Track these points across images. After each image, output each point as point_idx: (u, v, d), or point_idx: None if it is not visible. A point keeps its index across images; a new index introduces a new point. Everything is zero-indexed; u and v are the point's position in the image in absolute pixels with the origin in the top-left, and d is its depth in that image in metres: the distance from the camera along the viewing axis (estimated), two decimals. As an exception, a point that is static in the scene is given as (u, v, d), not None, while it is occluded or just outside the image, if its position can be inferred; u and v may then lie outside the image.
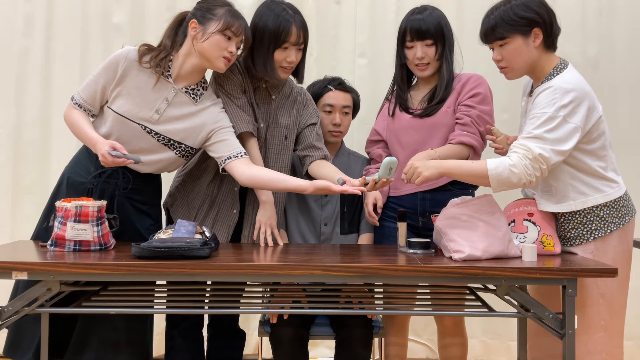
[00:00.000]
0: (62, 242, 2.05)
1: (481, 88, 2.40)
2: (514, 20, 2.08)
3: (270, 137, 2.43)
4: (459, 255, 1.97)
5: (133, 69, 2.22)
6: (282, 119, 2.44)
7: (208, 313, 2.50)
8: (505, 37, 2.10)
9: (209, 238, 2.08)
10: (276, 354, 2.37)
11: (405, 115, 2.47)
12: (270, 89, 2.43)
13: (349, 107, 2.58)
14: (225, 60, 2.19)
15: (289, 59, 2.30)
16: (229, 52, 2.18)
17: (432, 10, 2.42)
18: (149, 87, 2.22)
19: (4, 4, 3.33)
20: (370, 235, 2.56)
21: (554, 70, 2.12)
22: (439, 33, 2.37)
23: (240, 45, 2.23)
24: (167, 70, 2.24)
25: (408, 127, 2.44)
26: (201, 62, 2.22)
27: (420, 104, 2.47)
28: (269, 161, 2.43)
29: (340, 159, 2.61)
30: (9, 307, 1.90)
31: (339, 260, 1.97)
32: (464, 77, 2.45)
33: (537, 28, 2.09)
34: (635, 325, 3.24)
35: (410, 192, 2.44)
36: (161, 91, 2.23)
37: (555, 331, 1.89)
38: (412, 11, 2.44)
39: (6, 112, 3.32)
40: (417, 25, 2.37)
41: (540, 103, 2.04)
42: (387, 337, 2.59)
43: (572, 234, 2.12)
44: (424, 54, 2.38)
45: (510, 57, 2.12)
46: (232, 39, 2.18)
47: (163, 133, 2.23)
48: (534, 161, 1.99)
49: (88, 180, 2.28)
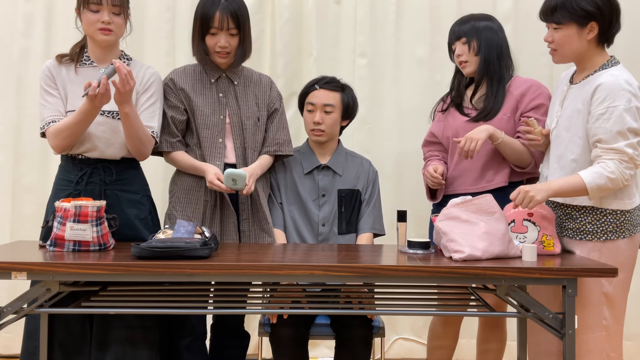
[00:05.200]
0: (61, 242, 2.05)
1: (543, 99, 2.41)
2: (574, 9, 2.07)
3: (245, 119, 2.49)
4: (459, 255, 1.97)
5: (62, 72, 2.32)
6: (250, 102, 2.51)
7: (208, 313, 2.50)
8: (562, 23, 2.10)
9: (208, 238, 2.08)
10: (276, 354, 2.37)
11: (459, 115, 2.51)
12: (230, 75, 2.51)
13: (332, 106, 2.54)
14: (102, 31, 2.25)
15: (219, 44, 2.39)
16: (102, 22, 2.24)
17: (472, 16, 2.54)
18: (80, 79, 2.29)
19: (4, 4, 3.33)
20: (369, 235, 2.56)
21: (606, 65, 2.12)
22: (472, 30, 2.46)
23: (118, 11, 2.27)
24: (82, 57, 2.33)
25: (463, 129, 2.44)
26: (93, 41, 2.31)
27: (476, 104, 2.49)
28: (247, 142, 2.48)
29: (336, 159, 2.60)
30: (8, 307, 1.90)
31: (338, 260, 1.97)
32: (522, 83, 2.46)
33: (594, 22, 2.08)
34: (636, 325, 3.24)
35: (463, 192, 2.42)
36: (93, 77, 2.25)
37: (555, 331, 1.89)
38: None
39: (6, 112, 3.32)
40: (453, 29, 2.54)
41: (604, 98, 2.04)
42: (433, 341, 2.63)
43: (587, 228, 2.11)
44: (461, 52, 2.48)
45: (560, 42, 2.13)
46: (100, 10, 2.24)
47: (115, 109, 2.26)
48: (629, 162, 2.01)
49: (74, 189, 2.30)
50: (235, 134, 2.47)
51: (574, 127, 2.13)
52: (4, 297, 2.22)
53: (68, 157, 2.34)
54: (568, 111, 2.17)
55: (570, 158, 2.14)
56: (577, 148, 2.12)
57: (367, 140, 3.31)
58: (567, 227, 2.16)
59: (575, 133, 2.13)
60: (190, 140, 2.49)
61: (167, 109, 2.44)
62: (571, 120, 2.14)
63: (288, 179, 2.58)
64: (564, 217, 2.18)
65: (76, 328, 2.26)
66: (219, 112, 2.46)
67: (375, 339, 2.48)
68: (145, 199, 2.41)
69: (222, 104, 2.47)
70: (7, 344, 3.34)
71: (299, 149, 2.64)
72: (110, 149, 2.30)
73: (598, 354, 2.06)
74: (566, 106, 2.19)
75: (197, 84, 2.48)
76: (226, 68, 2.49)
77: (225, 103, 2.48)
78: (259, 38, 3.31)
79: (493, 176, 2.44)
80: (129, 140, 2.28)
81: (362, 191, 2.59)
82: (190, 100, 2.46)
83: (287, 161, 2.61)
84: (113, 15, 2.25)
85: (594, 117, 2.06)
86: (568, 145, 2.15)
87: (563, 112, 2.19)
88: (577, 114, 2.12)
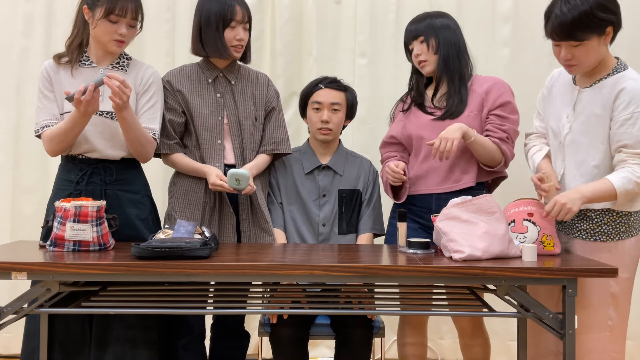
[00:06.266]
0: (61, 242, 2.05)
1: (509, 96, 2.40)
2: (594, 22, 1.99)
3: (243, 119, 2.49)
4: (459, 255, 1.97)
5: (60, 73, 2.31)
6: (248, 101, 2.51)
7: (208, 313, 2.50)
8: (583, 39, 2.01)
9: (208, 238, 2.08)
10: (276, 354, 2.37)
11: (423, 114, 2.46)
12: (228, 75, 2.50)
13: (339, 105, 2.56)
14: (117, 42, 2.26)
15: (237, 37, 2.41)
16: (119, 35, 2.25)
17: (428, 14, 2.48)
18: (78, 80, 2.29)
19: (4, 4, 3.33)
20: (370, 236, 2.56)
21: (618, 67, 2.10)
22: (429, 29, 2.41)
23: (134, 24, 2.28)
24: (82, 57, 2.32)
25: (429, 128, 2.40)
26: (101, 45, 2.30)
27: (438, 103, 2.45)
28: (245, 142, 2.48)
29: (337, 159, 2.61)
30: (8, 307, 1.90)
31: (338, 260, 1.97)
32: (484, 81, 2.44)
33: (610, 27, 2.03)
34: (636, 325, 3.23)
35: (425, 193, 2.42)
36: (91, 77, 2.26)
37: (555, 331, 1.89)
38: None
39: (6, 112, 3.32)
40: (409, 28, 2.48)
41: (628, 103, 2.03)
42: (402, 338, 2.56)
43: (603, 229, 2.11)
44: (419, 51, 2.43)
45: (582, 57, 2.05)
46: (119, 22, 2.23)
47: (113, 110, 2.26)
48: None
49: (74, 188, 2.29)
50: (233, 135, 2.47)
51: (593, 133, 2.10)
52: (4, 297, 2.22)
53: (68, 157, 2.34)
54: (584, 116, 2.12)
55: (592, 164, 2.11)
56: (599, 154, 2.10)
57: (367, 140, 3.31)
58: (579, 229, 2.16)
59: (595, 138, 2.10)
60: (188, 141, 2.48)
61: (165, 112, 2.44)
62: (589, 126, 2.11)
63: (288, 179, 2.58)
64: (577, 218, 2.16)
65: (76, 328, 2.26)
66: (217, 113, 2.46)
67: (375, 339, 2.48)
68: (145, 199, 2.41)
69: (219, 104, 2.47)
70: (7, 344, 3.34)
71: (299, 149, 2.64)
72: (109, 149, 2.30)
73: (601, 354, 2.06)
74: (580, 111, 2.14)
75: (194, 85, 2.48)
76: (223, 67, 2.49)
77: (223, 104, 2.48)
78: (259, 38, 3.31)
79: (460, 176, 2.38)
80: (129, 143, 2.28)
81: (363, 191, 2.59)
82: (188, 102, 2.45)
83: (288, 161, 2.61)
84: (130, 27, 2.26)
85: (618, 123, 2.04)
86: (588, 151, 2.11)
87: (577, 117, 2.14)
88: (596, 119, 2.09)
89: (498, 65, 3.27)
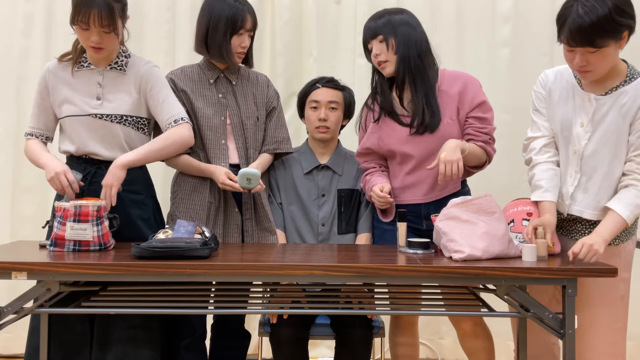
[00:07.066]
0: (61, 242, 2.05)
1: (481, 93, 2.36)
2: (613, 27, 1.87)
3: (245, 119, 2.49)
4: (459, 255, 1.97)
5: (59, 75, 2.32)
6: (249, 101, 2.52)
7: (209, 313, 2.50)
8: (602, 46, 1.89)
9: (208, 238, 2.08)
10: (276, 354, 2.37)
11: (398, 126, 2.37)
12: (229, 75, 2.51)
13: (336, 103, 2.56)
14: (93, 49, 2.22)
15: (242, 45, 2.44)
16: (92, 41, 2.20)
17: (387, 10, 2.39)
18: (78, 82, 2.30)
19: (4, 4, 3.33)
20: (369, 235, 2.56)
21: (632, 72, 2.04)
22: (388, 27, 2.31)
23: (108, 30, 2.19)
24: (81, 57, 2.32)
25: (410, 143, 2.35)
26: None
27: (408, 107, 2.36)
28: (248, 142, 2.49)
29: (336, 159, 2.61)
30: (8, 307, 1.90)
31: (338, 260, 1.97)
32: (454, 80, 2.35)
33: (627, 31, 1.92)
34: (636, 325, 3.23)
35: (413, 202, 2.40)
36: (90, 79, 2.29)
37: (555, 331, 1.89)
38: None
39: (6, 112, 3.32)
40: (367, 26, 2.38)
41: None
42: (394, 338, 2.54)
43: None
44: (379, 51, 2.33)
45: (598, 63, 1.94)
46: (90, 29, 2.18)
47: (113, 112, 2.28)
48: None
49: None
50: (236, 135, 2.47)
51: (616, 143, 2.04)
52: (4, 297, 2.22)
53: (72, 157, 2.35)
54: (605, 125, 2.04)
55: (616, 175, 2.07)
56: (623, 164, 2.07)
57: (367, 140, 3.30)
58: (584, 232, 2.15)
59: (620, 149, 2.04)
60: None
61: None
62: (611, 135, 2.04)
63: (287, 179, 2.58)
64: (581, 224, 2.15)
65: (77, 328, 2.26)
66: (220, 113, 2.46)
67: (375, 339, 2.49)
68: (149, 200, 2.41)
69: (222, 105, 2.47)
70: (7, 344, 3.34)
71: (298, 149, 2.65)
72: (110, 151, 2.30)
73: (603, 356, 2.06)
74: (599, 120, 2.05)
75: (197, 85, 2.48)
76: (224, 68, 2.50)
77: (225, 104, 2.48)
78: (259, 38, 3.30)
79: (446, 184, 2.36)
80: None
81: (362, 191, 2.59)
82: (192, 103, 2.45)
83: (287, 161, 2.61)
84: (103, 33, 2.19)
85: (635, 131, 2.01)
86: (613, 162, 2.06)
87: (596, 126, 2.05)
88: (618, 129, 2.03)
89: (498, 65, 3.27)
